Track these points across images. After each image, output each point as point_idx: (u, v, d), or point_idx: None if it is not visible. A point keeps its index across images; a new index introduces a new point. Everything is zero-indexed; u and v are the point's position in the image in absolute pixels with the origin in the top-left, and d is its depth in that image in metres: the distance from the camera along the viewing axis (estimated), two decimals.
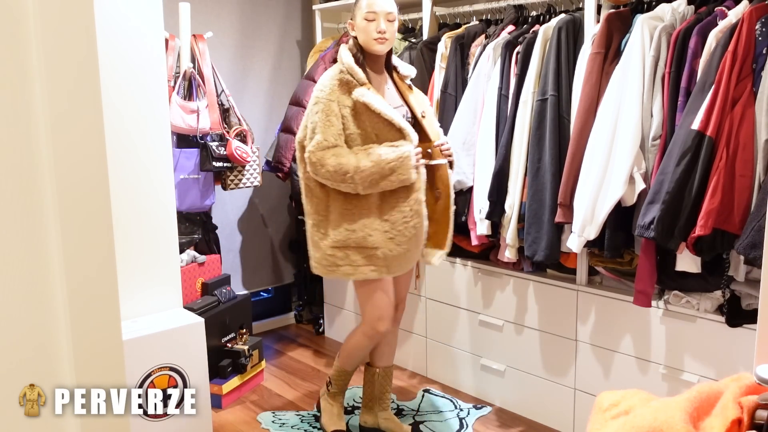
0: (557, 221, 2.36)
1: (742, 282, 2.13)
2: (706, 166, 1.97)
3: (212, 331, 2.83)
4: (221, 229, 3.45)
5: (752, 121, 1.94)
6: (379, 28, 2.22)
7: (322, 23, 3.71)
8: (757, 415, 0.98)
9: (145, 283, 2.47)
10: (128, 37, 2.34)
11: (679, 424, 0.96)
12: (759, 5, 1.98)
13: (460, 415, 2.78)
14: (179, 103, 2.93)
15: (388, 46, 2.29)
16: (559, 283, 2.61)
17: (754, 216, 1.88)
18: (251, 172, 3.20)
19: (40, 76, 1.26)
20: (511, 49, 2.60)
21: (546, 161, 2.41)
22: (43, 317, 1.32)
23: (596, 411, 1.18)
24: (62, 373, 1.36)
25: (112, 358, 1.43)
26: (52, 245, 1.31)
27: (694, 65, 2.08)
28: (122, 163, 2.36)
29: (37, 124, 1.27)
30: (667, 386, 2.30)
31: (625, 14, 2.33)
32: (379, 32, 2.23)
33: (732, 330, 2.13)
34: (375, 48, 2.26)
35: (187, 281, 2.96)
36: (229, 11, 3.53)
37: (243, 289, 3.58)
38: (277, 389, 3.08)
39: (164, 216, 2.50)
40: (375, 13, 2.22)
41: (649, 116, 2.17)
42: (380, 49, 2.27)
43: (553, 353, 2.64)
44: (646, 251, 2.19)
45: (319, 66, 3.38)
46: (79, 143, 1.33)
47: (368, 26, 2.24)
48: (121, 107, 2.33)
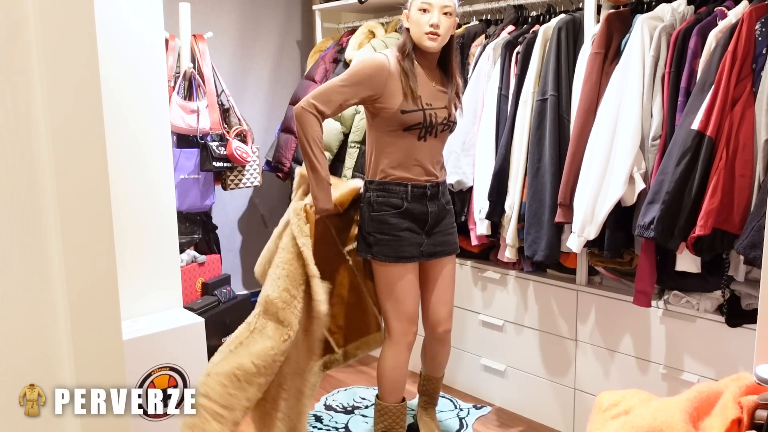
0: (557, 221, 2.36)
1: (742, 282, 2.13)
2: (706, 166, 1.97)
3: (212, 331, 2.83)
4: (221, 229, 3.45)
5: (752, 121, 1.94)
6: (432, 20, 2.03)
7: (322, 23, 3.70)
8: (757, 415, 0.98)
9: (145, 283, 2.47)
10: (128, 37, 2.34)
11: (679, 424, 0.96)
12: (759, 5, 1.98)
13: (460, 415, 2.78)
14: (179, 103, 2.93)
15: (441, 42, 2.10)
16: (559, 283, 2.61)
17: (754, 216, 1.88)
18: (251, 172, 3.20)
19: (40, 77, 1.26)
20: (511, 49, 2.60)
21: (546, 161, 2.41)
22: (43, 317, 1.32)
23: (596, 411, 1.18)
24: (62, 373, 1.36)
25: (112, 358, 1.42)
26: (52, 245, 1.31)
27: (693, 65, 2.08)
28: (122, 163, 2.36)
29: (37, 125, 1.27)
30: (667, 386, 2.30)
31: (625, 14, 2.33)
32: (431, 25, 2.04)
33: (732, 330, 2.13)
34: (425, 44, 2.08)
35: (187, 281, 2.96)
36: (229, 11, 3.54)
37: (243, 289, 3.58)
38: None
39: (164, 216, 2.50)
40: (430, 4, 2.04)
41: (649, 116, 2.18)
42: (430, 46, 2.08)
43: (553, 353, 2.64)
44: (646, 251, 2.19)
45: (319, 66, 3.38)
46: (80, 143, 1.33)
47: (421, 18, 2.05)
48: (122, 107, 2.33)
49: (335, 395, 2.99)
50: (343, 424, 2.72)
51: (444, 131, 2.22)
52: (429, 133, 2.16)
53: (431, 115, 2.14)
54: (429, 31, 2.06)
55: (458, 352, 2.99)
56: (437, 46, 2.10)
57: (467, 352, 2.96)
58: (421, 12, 2.06)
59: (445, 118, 2.19)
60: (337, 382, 3.14)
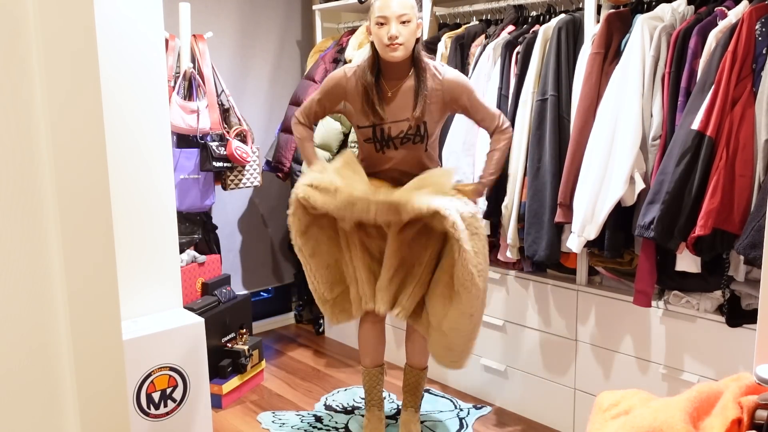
0: (557, 221, 2.36)
1: (742, 282, 2.13)
2: (706, 166, 1.97)
3: (212, 331, 2.83)
4: (221, 229, 3.45)
5: (752, 121, 1.94)
6: (390, 33, 2.09)
7: (322, 23, 3.71)
8: (757, 415, 0.98)
9: (145, 283, 2.47)
10: (128, 37, 2.34)
11: (679, 424, 0.96)
12: (759, 5, 1.98)
13: (460, 415, 2.78)
14: (179, 103, 2.93)
15: (405, 51, 2.13)
16: (559, 283, 2.61)
17: (754, 216, 1.88)
18: (251, 172, 3.20)
19: (40, 77, 1.26)
20: (511, 49, 2.60)
21: (546, 161, 2.41)
22: (43, 317, 1.32)
23: (596, 411, 1.18)
24: (62, 372, 1.36)
25: (112, 358, 1.43)
26: (52, 245, 1.31)
27: (694, 65, 2.08)
28: (122, 163, 2.36)
29: (37, 125, 1.27)
30: (667, 386, 2.30)
31: (625, 14, 2.33)
32: (389, 38, 2.09)
33: (732, 330, 2.13)
34: (389, 55, 2.13)
35: (187, 281, 2.96)
36: (229, 11, 3.54)
37: (243, 289, 3.58)
38: (277, 389, 3.08)
39: (164, 216, 2.50)
40: (385, 17, 2.09)
41: (649, 116, 2.18)
42: (394, 56, 2.13)
43: (553, 353, 2.64)
44: (646, 251, 2.19)
45: (319, 66, 3.38)
46: (79, 143, 1.33)
47: (380, 32, 2.12)
48: (121, 107, 2.34)
49: (335, 395, 2.99)
50: (343, 424, 2.72)
51: (406, 143, 2.24)
52: (386, 145, 2.25)
53: (382, 130, 2.22)
54: (389, 44, 2.12)
55: None
56: (401, 55, 2.15)
57: None
58: (379, 26, 2.13)
59: (403, 132, 2.22)
60: (337, 382, 3.15)
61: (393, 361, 3.18)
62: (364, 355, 2.52)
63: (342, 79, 2.27)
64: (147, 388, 2.35)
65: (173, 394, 2.43)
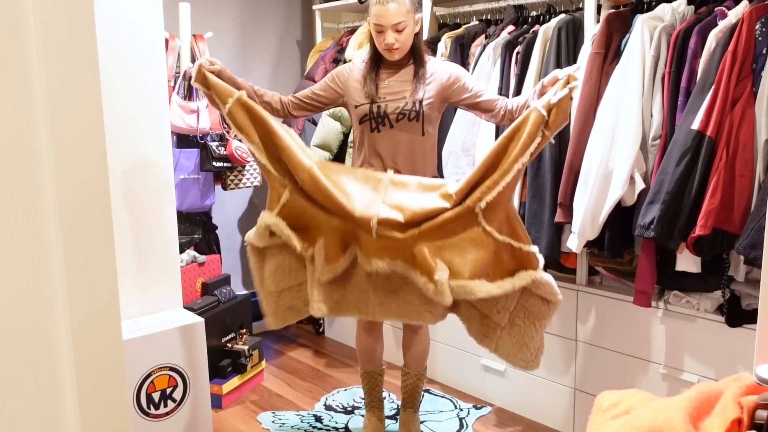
0: (557, 221, 2.36)
1: (742, 282, 2.13)
2: (706, 166, 1.97)
3: (212, 331, 2.83)
4: (221, 229, 3.45)
5: (752, 121, 1.94)
6: (387, 41, 2.17)
7: (322, 23, 3.70)
8: (757, 415, 0.98)
9: (145, 283, 2.47)
10: (128, 37, 2.34)
11: (679, 424, 0.96)
12: (759, 5, 1.98)
13: (460, 415, 2.78)
14: (179, 103, 2.93)
15: (402, 51, 2.22)
16: (559, 283, 2.59)
17: (754, 216, 1.88)
18: (251, 172, 3.20)
19: (40, 76, 1.26)
20: (511, 49, 2.60)
21: (546, 161, 2.41)
22: (43, 317, 1.32)
23: (596, 411, 1.18)
24: (62, 373, 1.36)
25: (112, 358, 1.42)
26: (52, 245, 1.31)
27: (694, 65, 2.08)
28: (122, 163, 2.36)
29: (37, 124, 1.27)
30: (667, 386, 2.30)
31: (625, 14, 2.33)
32: (386, 45, 2.18)
33: (732, 330, 2.13)
34: (387, 56, 2.24)
35: (187, 281, 2.96)
36: (229, 11, 3.54)
37: (243, 289, 3.58)
38: (277, 389, 3.08)
39: (164, 216, 2.50)
40: (381, 26, 2.16)
41: (649, 116, 2.18)
42: (391, 57, 2.23)
43: (553, 353, 2.64)
44: (646, 251, 2.19)
45: (319, 66, 3.38)
46: (79, 143, 1.33)
47: (377, 37, 2.20)
48: (122, 107, 2.34)
49: (335, 395, 2.99)
50: (343, 424, 2.71)
51: (401, 120, 2.24)
52: (381, 123, 2.26)
53: (379, 107, 2.25)
54: (386, 49, 2.20)
55: (458, 352, 2.99)
56: (399, 55, 2.23)
57: (467, 352, 2.96)
58: (377, 31, 2.19)
59: (399, 108, 2.24)
60: (337, 382, 3.15)
61: (393, 360, 3.18)
62: (363, 361, 2.53)
63: (346, 68, 2.35)
64: (147, 388, 2.35)
65: (173, 394, 2.43)
